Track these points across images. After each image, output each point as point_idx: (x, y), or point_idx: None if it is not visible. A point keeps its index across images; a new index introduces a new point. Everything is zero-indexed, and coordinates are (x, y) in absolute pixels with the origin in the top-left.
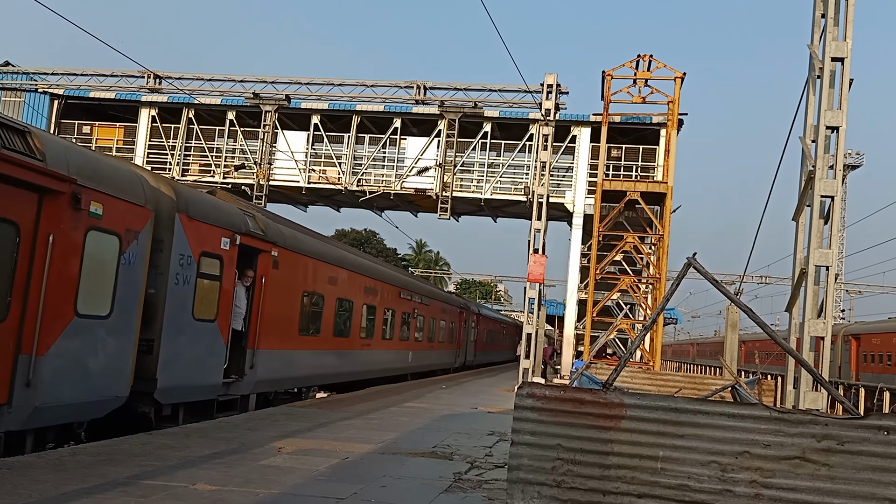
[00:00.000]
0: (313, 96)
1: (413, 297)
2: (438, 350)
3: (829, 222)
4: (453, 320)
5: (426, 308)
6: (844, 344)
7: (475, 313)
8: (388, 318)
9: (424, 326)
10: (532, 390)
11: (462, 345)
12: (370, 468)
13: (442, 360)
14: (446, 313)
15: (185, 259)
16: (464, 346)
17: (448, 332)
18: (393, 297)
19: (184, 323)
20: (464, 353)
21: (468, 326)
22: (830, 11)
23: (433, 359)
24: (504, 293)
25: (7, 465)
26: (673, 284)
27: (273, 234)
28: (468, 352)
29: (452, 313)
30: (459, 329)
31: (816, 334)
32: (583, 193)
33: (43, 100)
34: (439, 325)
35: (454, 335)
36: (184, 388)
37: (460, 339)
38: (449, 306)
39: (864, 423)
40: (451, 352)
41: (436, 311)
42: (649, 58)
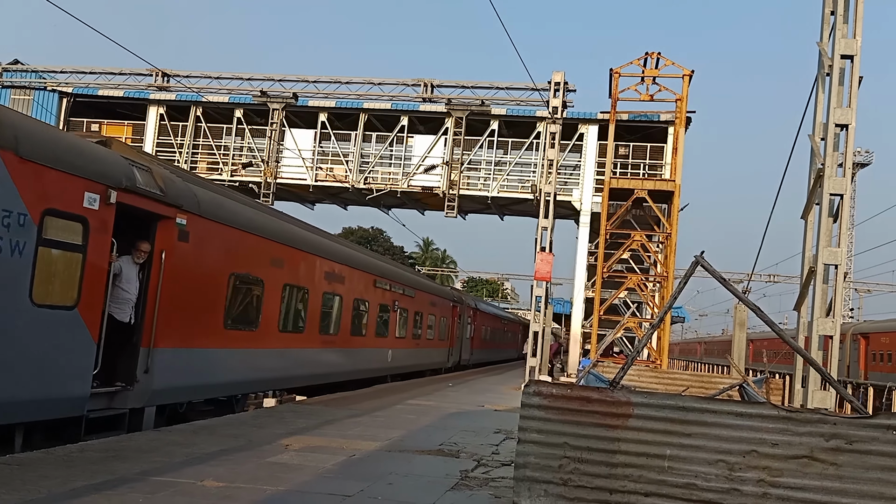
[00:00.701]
0: (320, 94)
1: (393, 287)
2: (427, 348)
3: (838, 220)
4: (445, 315)
5: (410, 300)
6: (853, 343)
7: (472, 308)
8: (359, 310)
9: (408, 321)
10: (539, 388)
11: (456, 342)
12: (377, 466)
13: (431, 359)
14: (436, 307)
15: (10, 218)
16: (458, 344)
17: (439, 328)
18: (365, 285)
19: (7, 310)
20: (458, 352)
21: (463, 322)
22: (840, 9)
23: (420, 358)
24: (511, 291)
25: (16, 462)
26: (680, 283)
27: (178, 194)
28: (463, 350)
29: (444, 307)
30: (452, 325)
31: (825, 333)
32: (590, 191)
33: (52, 98)
34: (427, 319)
35: (447, 332)
36: (12, 404)
37: (453, 335)
38: (439, 299)
39: (873, 423)
40: (441, 350)
41: (422, 303)
42: (657, 55)
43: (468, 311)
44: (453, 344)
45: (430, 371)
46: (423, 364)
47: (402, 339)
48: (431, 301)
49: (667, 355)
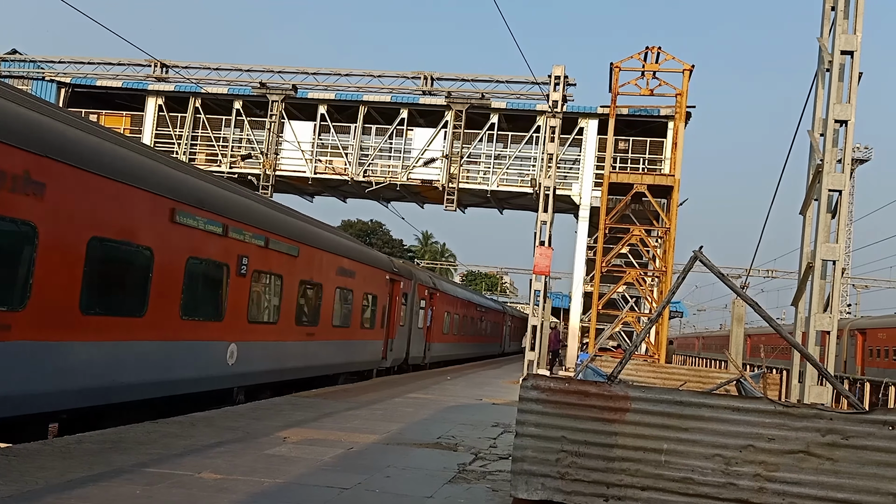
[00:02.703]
0: (320, 86)
1: (243, 235)
2: (331, 340)
3: (837, 216)
4: (375, 291)
5: (286, 261)
6: (850, 338)
7: (428, 287)
8: (124, 265)
9: (283, 295)
10: (537, 382)
11: (397, 333)
12: (375, 458)
13: (342, 356)
14: (355, 278)
15: None
16: (402, 336)
17: (360, 310)
18: (151, 217)
19: None
20: (401, 346)
21: (412, 305)
22: (840, 4)
23: (332, 355)
24: (510, 285)
25: (13, 453)
26: (679, 278)
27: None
28: (414, 343)
29: (372, 280)
30: (392, 307)
31: (822, 329)
32: (589, 186)
33: (50, 88)
34: (332, 295)
35: (380, 317)
36: None
37: (393, 323)
38: (363, 268)
39: (869, 418)
40: (368, 345)
41: (319, 269)
42: (657, 50)
43: (422, 292)
44: (393, 334)
45: (344, 376)
46: (319, 365)
47: (261, 326)
48: (343, 268)
49: (664, 350)
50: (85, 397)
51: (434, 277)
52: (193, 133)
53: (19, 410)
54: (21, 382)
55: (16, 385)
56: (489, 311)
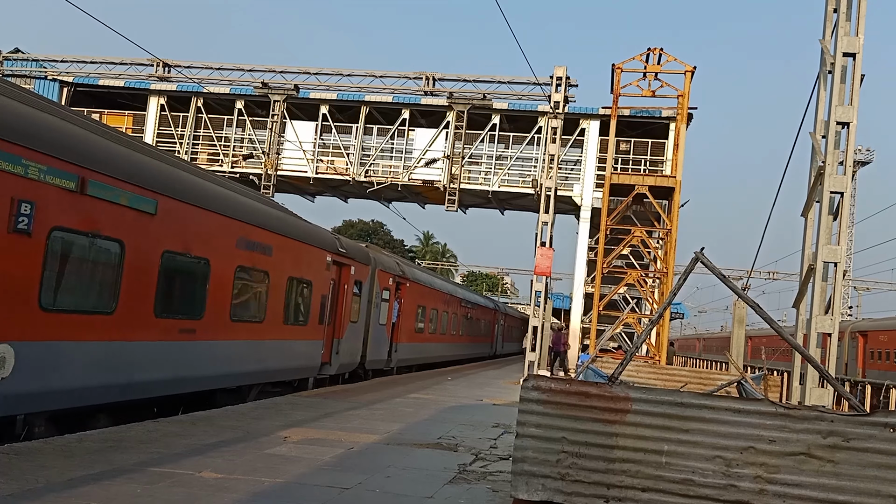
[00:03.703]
0: (322, 86)
1: (110, 194)
2: (257, 341)
3: (838, 218)
4: (313, 277)
5: (186, 234)
6: (851, 341)
7: (396, 276)
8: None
9: (186, 284)
10: (538, 383)
11: (346, 331)
12: (375, 459)
13: (272, 361)
14: (290, 262)
15: None
16: (356, 334)
17: (291, 299)
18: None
19: None
20: (354, 346)
21: (369, 295)
22: (843, 6)
23: (229, 361)
24: (511, 286)
25: (14, 451)
26: (680, 279)
27: None
28: (373, 343)
29: (310, 262)
30: (340, 297)
31: (823, 331)
32: (591, 187)
33: (52, 87)
34: (250, 285)
35: (320, 310)
36: None
37: (340, 318)
38: (296, 245)
39: (870, 420)
40: (306, 345)
41: (231, 247)
42: (659, 51)
43: (384, 280)
44: (339, 333)
45: (258, 388)
46: (205, 376)
47: (72, 317)
48: (249, 240)
49: (665, 351)
50: None
51: (404, 264)
52: (195, 133)
53: None
54: None
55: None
56: (477, 308)
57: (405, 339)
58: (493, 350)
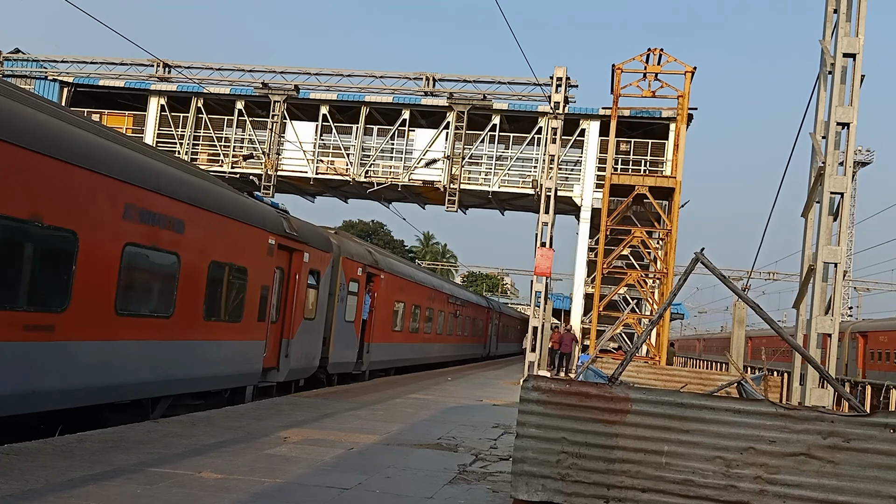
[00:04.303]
0: (322, 87)
1: None
2: (164, 342)
3: (838, 219)
4: (253, 263)
5: (28, 193)
6: (851, 341)
7: (367, 267)
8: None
9: (34, 265)
10: (538, 383)
11: (298, 331)
12: (375, 459)
13: (190, 367)
14: (214, 243)
15: None
16: (316, 333)
17: (237, 295)
18: None
19: None
20: (314, 348)
21: (333, 290)
22: (843, 7)
23: (117, 369)
24: (511, 286)
25: (14, 451)
26: (680, 279)
27: None
28: (339, 344)
29: (249, 248)
30: (289, 287)
31: (824, 331)
32: (591, 187)
33: (53, 87)
34: (151, 268)
35: (277, 306)
36: None
37: (290, 315)
38: (229, 225)
39: (871, 421)
40: (241, 347)
41: (115, 217)
42: (659, 52)
43: (352, 271)
44: (290, 332)
45: (167, 402)
46: (71, 389)
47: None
48: (148, 211)
49: (665, 351)
50: None
51: (377, 253)
52: (195, 133)
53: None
54: None
55: None
56: (468, 306)
57: (380, 338)
58: (486, 351)
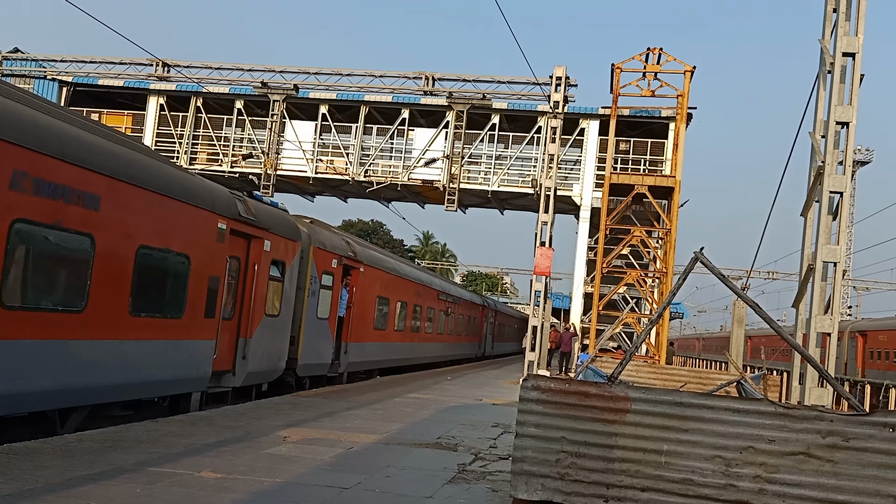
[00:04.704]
0: (321, 86)
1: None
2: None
3: (838, 218)
4: (197, 250)
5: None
6: (851, 340)
7: (344, 258)
8: None
9: None
10: (537, 383)
11: (260, 327)
12: (375, 458)
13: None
14: (144, 224)
15: None
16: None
17: (178, 287)
18: None
19: None
20: (279, 348)
21: (302, 284)
22: (842, 6)
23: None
24: (510, 285)
25: (13, 451)
26: (680, 279)
27: None
28: (311, 344)
29: (191, 232)
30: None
31: (823, 330)
32: (590, 187)
33: (52, 87)
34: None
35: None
36: None
37: (250, 310)
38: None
39: (870, 420)
40: (183, 347)
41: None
42: (659, 51)
43: (325, 262)
44: (248, 331)
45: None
46: None
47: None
48: (84, 193)
49: (665, 351)
50: None
51: (357, 244)
52: (195, 132)
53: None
54: None
55: None
56: (461, 303)
57: (360, 337)
58: (481, 350)
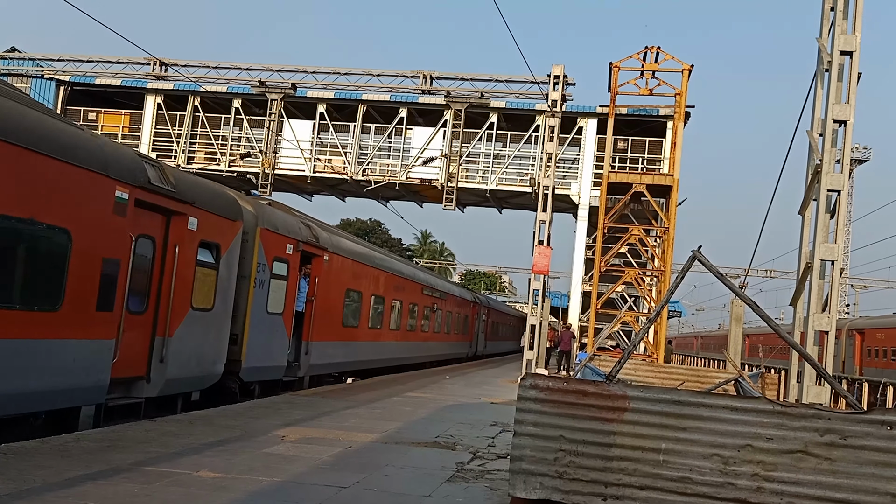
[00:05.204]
0: (319, 85)
1: None
2: None
3: (835, 217)
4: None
5: None
6: (848, 339)
7: (303, 243)
8: None
9: None
10: (535, 382)
11: (186, 323)
12: (373, 457)
13: None
14: (8, 188)
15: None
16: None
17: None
18: None
19: None
20: (217, 348)
21: (231, 266)
22: (839, 5)
23: None
24: (509, 284)
25: (11, 451)
26: (678, 277)
27: None
28: (259, 343)
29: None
30: (168, 268)
31: (821, 329)
32: (588, 185)
33: (49, 86)
34: None
35: (117, 288)
36: None
37: (170, 301)
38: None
39: (868, 418)
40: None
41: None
42: (657, 49)
43: (278, 247)
44: (169, 328)
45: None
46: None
47: None
48: None
49: (663, 349)
50: None
51: (319, 228)
52: (192, 131)
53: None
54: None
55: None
56: (448, 299)
57: (325, 335)
58: (472, 350)
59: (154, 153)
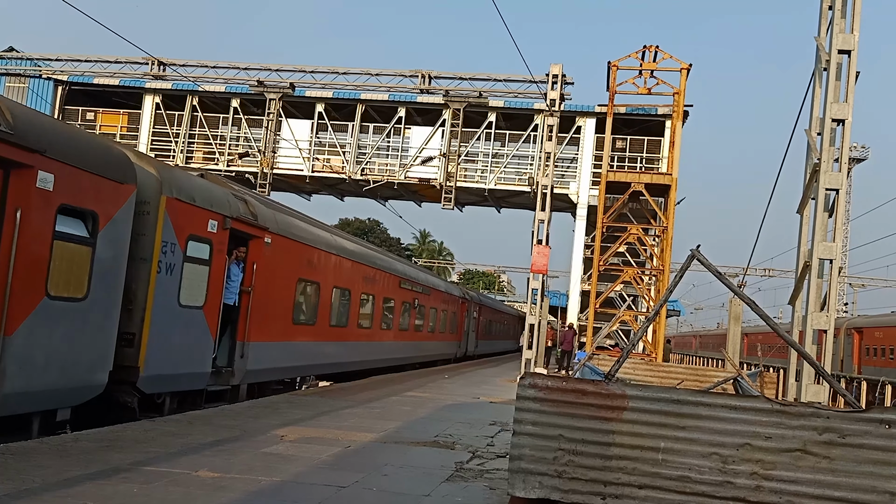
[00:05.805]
0: (318, 85)
1: None
2: None
3: (834, 215)
4: None
5: None
6: (847, 337)
7: (234, 219)
8: None
9: None
10: (534, 381)
11: (32, 319)
12: (372, 457)
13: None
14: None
15: None
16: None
17: None
18: None
19: None
20: (77, 353)
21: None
22: (837, 3)
23: None
24: (508, 284)
25: (10, 451)
26: (676, 276)
27: None
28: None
29: None
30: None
31: (819, 327)
32: (587, 184)
33: (47, 86)
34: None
35: None
36: None
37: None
38: None
39: (866, 417)
40: None
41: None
42: (655, 49)
43: (198, 222)
44: (8, 326)
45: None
46: None
47: None
48: None
49: (662, 348)
50: None
51: (260, 203)
52: (191, 131)
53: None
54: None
55: None
56: (433, 294)
57: (268, 335)
58: (462, 350)
59: (153, 153)
